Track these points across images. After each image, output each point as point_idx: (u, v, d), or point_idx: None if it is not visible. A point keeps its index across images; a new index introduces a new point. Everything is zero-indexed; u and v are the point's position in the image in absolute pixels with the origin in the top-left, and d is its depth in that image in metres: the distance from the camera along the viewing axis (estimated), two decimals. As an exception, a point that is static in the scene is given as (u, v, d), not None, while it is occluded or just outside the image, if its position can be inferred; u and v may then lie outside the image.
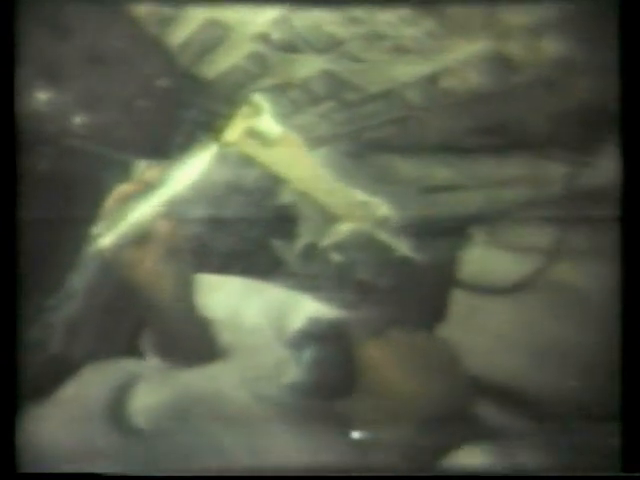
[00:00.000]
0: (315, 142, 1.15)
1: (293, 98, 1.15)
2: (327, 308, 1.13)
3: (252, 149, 1.14)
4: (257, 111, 1.13)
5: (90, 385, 1.10)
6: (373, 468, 1.09)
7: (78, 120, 1.11)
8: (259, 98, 1.14)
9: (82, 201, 1.12)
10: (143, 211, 1.12)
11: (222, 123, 1.13)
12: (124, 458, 1.07)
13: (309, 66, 1.15)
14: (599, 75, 1.11)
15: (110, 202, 1.12)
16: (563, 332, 1.12)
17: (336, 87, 1.15)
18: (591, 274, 1.12)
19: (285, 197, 1.15)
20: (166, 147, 1.12)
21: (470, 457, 1.08)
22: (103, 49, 1.11)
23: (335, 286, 1.14)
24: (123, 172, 1.12)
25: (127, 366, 1.13)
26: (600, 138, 1.13)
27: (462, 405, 1.13)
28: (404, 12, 1.12)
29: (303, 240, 1.15)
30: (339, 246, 1.14)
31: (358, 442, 1.10)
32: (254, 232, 1.14)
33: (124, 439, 1.07)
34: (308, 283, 1.14)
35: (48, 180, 1.11)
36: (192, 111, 1.13)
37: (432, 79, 1.14)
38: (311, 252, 1.15)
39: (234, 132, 1.13)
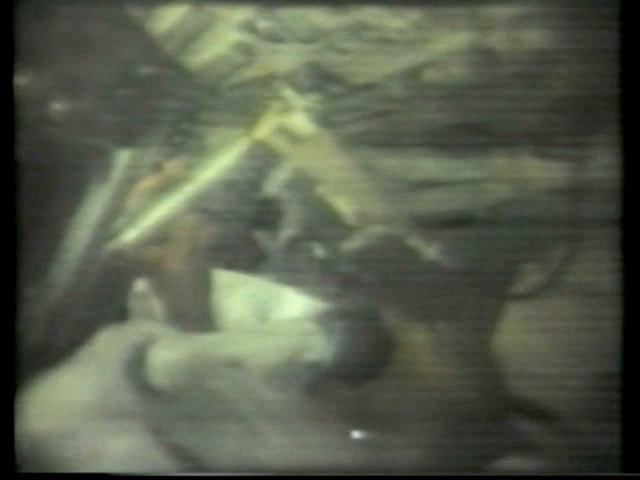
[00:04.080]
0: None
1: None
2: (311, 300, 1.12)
3: (282, 145, 1.12)
4: (287, 107, 1.12)
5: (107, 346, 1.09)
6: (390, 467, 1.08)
7: (57, 106, 1.08)
8: (290, 94, 1.13)
9: (62, 191, 1.08)
10: (166, 207, 1.11)
11: (252, 119, 1.11)
12: (144, 416, 1.07)
13: (294, 57, 1.14)
14: (586, 66, 1.12)
15: (132, 197, 1.10)
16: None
17: (320, 79, 1.14)
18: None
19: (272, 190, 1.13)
20: (148, 136, 1.10)
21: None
22: (85, 33, 1.08)
23: (319, 279, 1.12)
24: (103, 161, 1.09)
25: (143, 327, 1.11)
26: (587, 131, 1.13)
27: (492, 406, 1.12)
28: (389, 3, 1.12)
29: (287, 233, 1.13)
30: (365, 250, 1.13)
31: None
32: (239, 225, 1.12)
33: (143, 397, 1.07)
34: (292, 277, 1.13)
35: (26, 170, 1.07)
36: (175, 100, 1.11)
37: (416, 71, 1.14)
38: (295, 245, 1.13)
39: (264, 128, 1.12)
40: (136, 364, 1.08)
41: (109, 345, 1.08)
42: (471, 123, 1.15)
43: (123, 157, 1.09)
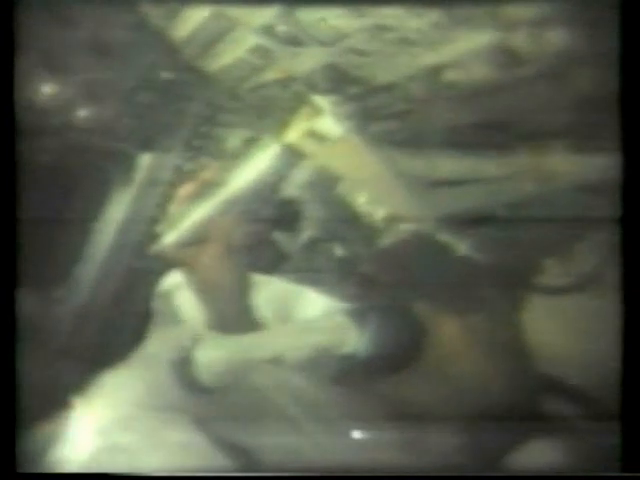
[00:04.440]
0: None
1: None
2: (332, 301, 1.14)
3: (311, 148, 1.14)
4: (317, 112, 1.13)
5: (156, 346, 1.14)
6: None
7: (81, 113, 1.10)
8: (320, 99, 1.14)
9: (85, 196, 1.11)
10: (203, 210, 1.13)
11: (283, 123, 1.13)
12: (193, 412, 1.10)
13: (313, 59, 1.14)
14: (603, 66, 1.11)
15: (173, 202, 1.13)
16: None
17: (340, 80, 1.15)
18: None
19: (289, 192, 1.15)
20: (169, 140, 1.11)
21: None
22: (106, 40, 1.10)
23: (338, 279, 1.14)
24: (126, 165, 1.11)
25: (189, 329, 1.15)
26: (604, 132, 1.13)
27: (526, 399, 1.13)
28: (409, 4, 1.12)
29: (306, 234, 1.15)
30: (398, 246, 1.14)
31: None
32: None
33: (190, 394, 1.10)
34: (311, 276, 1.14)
35: (50, 175, 1.10)
36: (195, 104, 1.12)
37: (436, 71, 1.14)
38: (314, 246, 1.14)
39: (294, 132, 1.13)
40: (183, 364, 1.11)
41: (158, 346, 1.12)
42: (492, 122, 1.15)
43: (144, 160, 1.11)
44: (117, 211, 1.11)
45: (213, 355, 1.12)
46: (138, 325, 1.12)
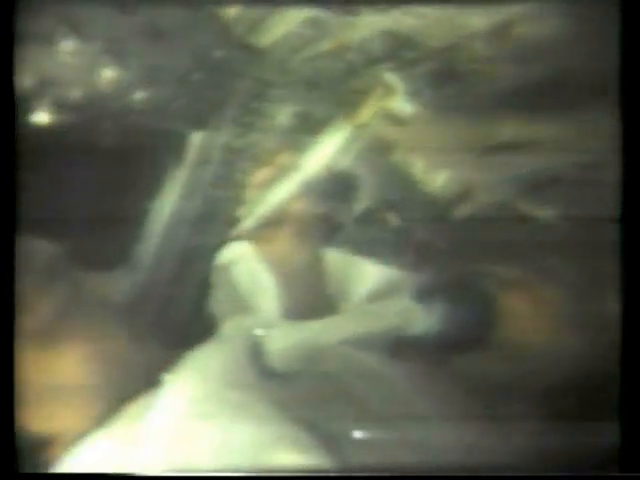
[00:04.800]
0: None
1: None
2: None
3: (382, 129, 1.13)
4: (390, 91, 1.12)
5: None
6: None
7: (138, 96, 1.14)
8: (392, 78, 1.12)
9: (141, 176, 1.14)
10: (279, 194, 1.14)
11: (355, 104, 1.12)
12: (265, 398, 1.09)
13: (367, 27, 1.12)
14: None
15: (251, 187, 1.15)
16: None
17: (395, 46, 1.11)
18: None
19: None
20: (219, 118, 1.12)
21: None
22: (160, 24, 1.13)
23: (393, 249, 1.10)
24: (179, 145, 1.13)
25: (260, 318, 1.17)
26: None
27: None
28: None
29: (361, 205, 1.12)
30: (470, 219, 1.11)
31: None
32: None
33: (263, 379, 1.10)
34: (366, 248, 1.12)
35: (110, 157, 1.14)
36: (245, 81, 1.13)
37: (503, 27, 1.09)
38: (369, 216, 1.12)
39: (367, 113, 1.12)
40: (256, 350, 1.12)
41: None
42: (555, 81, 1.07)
43: (196, 139, 1.13)
44: (171, 191, 1.13)
45: (284, 342, 1.12)
46: (199, 301, 1.14)
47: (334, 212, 1.14)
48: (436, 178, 1.12)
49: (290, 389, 1.10)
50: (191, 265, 1.13)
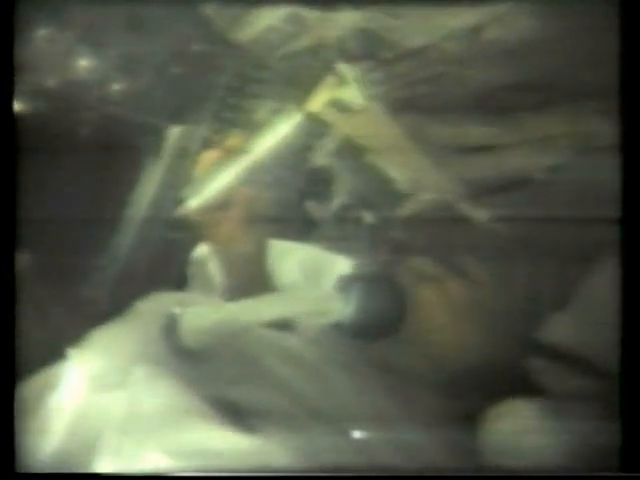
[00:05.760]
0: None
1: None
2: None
3: (333, 118, 1.14)
4: (342, 81, 1.13)
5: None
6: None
7: (115, 87, 1.14)
8: (345, 68, 1.14)
9: (121, 166, 1.15)
10: (226, 177, 1.14)
11: (306, 93, 1.14)
12: (180, 376, 1.10)
13: (345, 24, 1.13)
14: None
15: (196, 168, 1.15)
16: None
17: (372, 45, 1.13)
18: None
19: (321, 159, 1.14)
20: (198, 112, 1.14)
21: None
22: (139, 15, 1.13)
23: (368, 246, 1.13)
24: (157, 138, 1.14)
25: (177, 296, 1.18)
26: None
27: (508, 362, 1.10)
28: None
29: (337, 201, 1.14)
30: (417, 216, 1.13)
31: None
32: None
33: (177, 358, 1.10)
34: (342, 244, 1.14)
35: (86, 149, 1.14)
36: (224, 76, 1.14)
37: (476, 29, 1.11)
38: (344, 214, 1.14)
39: (318, 102, 1.14)
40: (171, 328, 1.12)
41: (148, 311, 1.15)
42: (526, 82, 1.10)
43: (174, 133, 1.14)
44: (150, 181, 1.14)
45: (201, 321, 1.10)
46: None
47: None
48: (397, 176, 1.14)
49: (203, 368, 1.10)
50: (166, 258, 1.15)
